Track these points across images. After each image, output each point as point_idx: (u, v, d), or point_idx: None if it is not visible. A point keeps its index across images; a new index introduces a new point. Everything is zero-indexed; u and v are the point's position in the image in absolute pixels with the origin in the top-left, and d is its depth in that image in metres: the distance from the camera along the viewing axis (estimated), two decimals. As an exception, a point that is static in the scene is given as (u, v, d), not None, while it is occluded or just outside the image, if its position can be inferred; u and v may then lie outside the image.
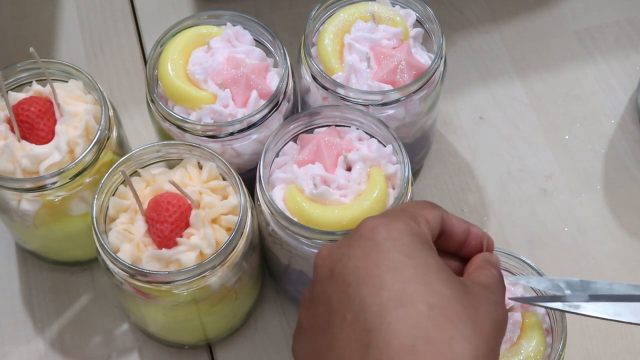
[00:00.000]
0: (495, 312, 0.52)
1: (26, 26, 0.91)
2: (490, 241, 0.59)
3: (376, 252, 0.52)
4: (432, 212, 0.56)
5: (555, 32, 0.91)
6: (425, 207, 0.57)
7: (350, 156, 0.69)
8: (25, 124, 0.70)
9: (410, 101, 0.72)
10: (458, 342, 0.49)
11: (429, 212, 0.56)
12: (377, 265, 0.51)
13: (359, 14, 0.74)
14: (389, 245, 0.52)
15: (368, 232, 0.53)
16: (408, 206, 0.57)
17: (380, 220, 0.54)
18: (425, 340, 0.48)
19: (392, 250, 0.52)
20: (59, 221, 0.73)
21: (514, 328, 0.64)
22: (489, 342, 0.50)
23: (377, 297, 0.50)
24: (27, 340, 0.77)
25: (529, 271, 0.67)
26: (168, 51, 0.73)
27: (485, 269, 0.56)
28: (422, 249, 0.53)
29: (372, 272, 0.51)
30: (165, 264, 0.65)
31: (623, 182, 0.83)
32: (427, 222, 0.55)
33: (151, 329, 0.75)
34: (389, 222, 0.54)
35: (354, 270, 0.52)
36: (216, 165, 0.69)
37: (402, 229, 0.53)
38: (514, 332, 0.64)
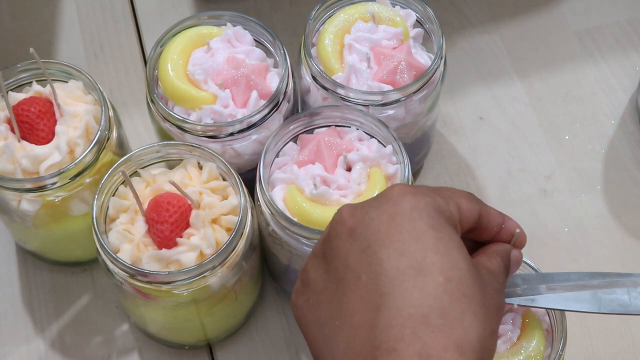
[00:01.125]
0: (498, 298, 0.53)
1: (26, 26, 0.91)
2: (522, 236, 0.58)
3: (401, 218, 0.51)
4: (469, 203, 0.55)
5: (556, 33, 0.91)
6: (463, 196, 0.56)
7: (350, 156, 0.69)
8: (26, 124, 0.70)
9: (411, 101, 0.72)
10: (469, 319, 0.48)
11: (465, 202, 0.55)
12: (400, 230, 0.51)
13: (359, 14, 0.74)
14: (415, 214, 0.51)
15: (396, 197, 0.52)
16: (444, 189, 0.56)
17: (410, 190, 0.53)
18: (440, 311, 0.48)
19: (418, 219, 0.51)
20: (59, 221, 0.73)
21: (513, 328, 0.64)
22: (493, 325, 0.50)
23: (395, 262, 0.49)
24: (28, 340, 0.77)
25: (529, 271, 0.67)
26: (168, 51, 0.73)
27: (493, 257, 0.56)
28: (446, 225, 0.52)
29: (395, 236, 0.50)
30: (166, 264, 0.65)
31: (623, 183, 0.83)
32: (458, 208, 0.54)
33: (151, 329, 0.75)
34: (417, 194, 0.53)
35: (376, 231, 0.51)
36: (216, 165, 0.69)
37: (430, 203, 0.52)
38: (514, 332, 0.64)
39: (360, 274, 0.50)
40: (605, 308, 0.57)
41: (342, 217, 0.53)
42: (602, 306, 0.57)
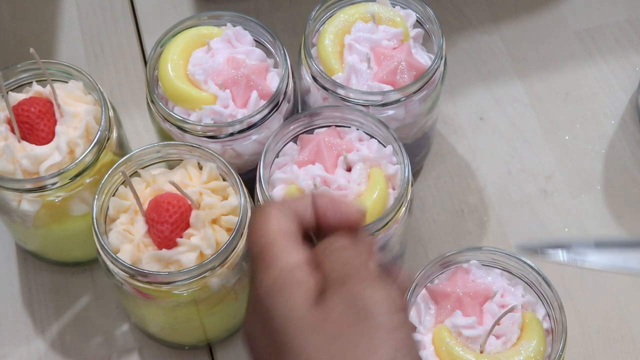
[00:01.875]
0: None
1: (26, 27, 0.91)
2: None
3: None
4: (300, 201, 0.50)
5: (556, 33, 0.91)
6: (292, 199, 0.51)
7: (350, 157, 0.69)
8: (26, 124, 0.70)
9: (411, 102, 0.72)
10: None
11: (298, 202, 0.50)
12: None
13: (359, 14, 0.74)
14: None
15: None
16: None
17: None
18: None
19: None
20: (59, 222, 0.73)
21: (513, 328, 0.64)
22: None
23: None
24: (28, 340, 0.77)
25: (529, 271, 0.67)
26: (168, 52, 0.73)
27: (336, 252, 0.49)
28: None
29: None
30: (166, 264, 0.65)
31: (623, 183, 0.83)
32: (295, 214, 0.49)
33: (151, 330, 0.75)
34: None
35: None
36: (216, 165, 0.69)
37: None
38: (514, 332, 0.64)
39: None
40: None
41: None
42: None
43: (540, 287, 0.66)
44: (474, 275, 0.66)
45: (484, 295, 0.65)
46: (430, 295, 0.66)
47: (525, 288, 0.67)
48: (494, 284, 0.66)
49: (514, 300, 0.66)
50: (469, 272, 0.67)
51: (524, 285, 0.67)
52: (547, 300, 0.66)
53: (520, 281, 0.67)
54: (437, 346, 0.64)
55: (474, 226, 0.81)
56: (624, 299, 0.78)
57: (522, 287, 0.67)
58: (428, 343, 0.64)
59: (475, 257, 0.67)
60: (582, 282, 0.79)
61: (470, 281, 0.66)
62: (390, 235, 0.68)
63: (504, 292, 0.66)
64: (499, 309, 0.65)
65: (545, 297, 0.66)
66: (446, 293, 0.65)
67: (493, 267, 0.68)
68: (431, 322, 0.65)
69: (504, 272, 0.67)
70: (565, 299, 0.77)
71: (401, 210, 0.67)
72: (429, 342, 0.64)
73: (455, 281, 0.66)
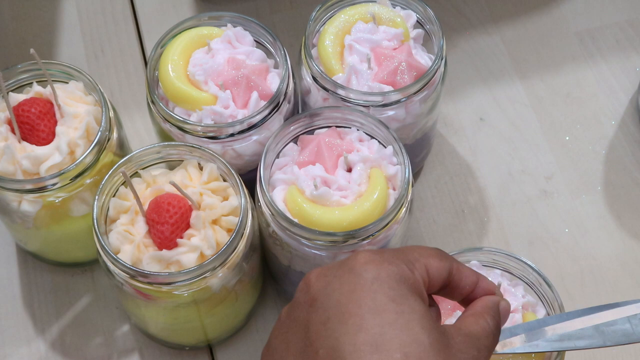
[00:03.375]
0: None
1: (27, 27, 0.92)
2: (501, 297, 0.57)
3: (361, 290, 0.51)
4: (438, 262, 0.54)
5: (556, 33, 0.91)
6: (432, 255, 0.55)
7: (350, 157, 0.69)
8: (26, 125, 0.70)
9: (411, 102, 0.72)
10: None
11: (434, 262, 0.54)
12: (360, 304, 0.50)
13: (359, 15, 0.74)
14: (376, 286, 0.51)
15: (359, 267, 0.52)
16: (410, 250, 0.55)
17: (373, 258, 0.52)
18: None
19: (379, 291, 0.51)
20: (59, 222, 0.73)
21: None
22: None
23: (353, 338, 0.49)
24: (28, 341, 0.77)
25: (530, 272, 0.67)
26: (168, 52, 0.73)
27: (481, 318, 0.54)
28: (409, 295, 0.51)
29: (354, 310, 0.50)
30: (166, 265, 0.65)
31: (623, 183, 0.83)
32: (426, 270, 0.54)
33: (152, 330, 0.75)
34: (381, 262, 0.52)
35: (336, 304, 0.51)
36: (217, 166, 0.69)
37: (393, 272, 0.52)
38: None
39: (318, 348, 0.50)
40: (610, 341, 0.57)
41: (307, 284, 0.52)
42: (606, 339, 0.57)
43: (540, 288, 0.66)
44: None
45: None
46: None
47: (525, 289, 0.67)
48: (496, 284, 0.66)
49: (515, 300, 0.66)
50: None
51: (525, 285, 0.67)
52: (548, 300, 0.66)
53: (521, 282, 0.67)
54: None
55: (475, 227, 0.81)
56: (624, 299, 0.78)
57: (523, 288, 0.67)
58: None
59: (475, 258, 0.67)
60: (583, 283, 0.79)
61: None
62: (391, 236, 0.68)
63: (504, 292, 0.66)
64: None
65: (546, 298, 0.66)
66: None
67: (493, 268, 0.68)
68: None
69: (504, 273, 0.67)
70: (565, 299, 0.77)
71: (402, 210, 0.67)
72: None
73: None
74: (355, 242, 0.66)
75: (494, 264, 0.68)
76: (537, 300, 0.67)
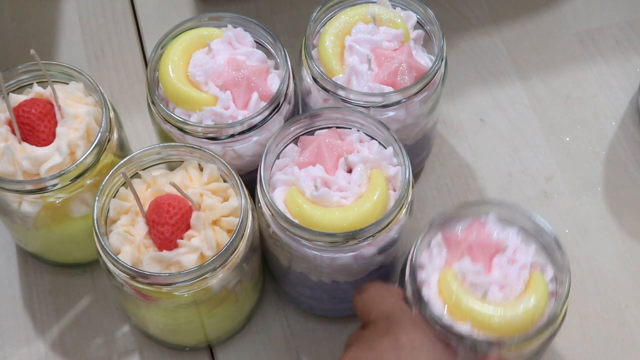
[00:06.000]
0: None
1: (27, 28, 0.92)
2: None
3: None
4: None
5: (556, 34, 0.91)
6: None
7: (351, 158, 0.69)
8: (26, 125, 0.70)
9: (411, 103, 0.72)
10: None
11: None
12: None
13: (359, 15, 0.74)
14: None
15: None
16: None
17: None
18: None
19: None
20: (59, 223, 0.73)
21: (519, 283, 0.65)
22: None
23: None
24: (28, 342, 0.77)
25: (545, 234, 0.67)
26: (169, 53, 0.73)
27: None
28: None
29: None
30: (166, 265, 0.65)
31: (624, 184, 0.83)
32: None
33: (152, 331, 0.75)
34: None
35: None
36: (217, 167, 0.69)
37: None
38: (519, 287, 0.65)
39: None
40: None
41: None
42: None
43: (552, 251, 0.67)
44: (489, 228, 0.67)
45: (495, 248, 0.66)
46: (445, 240, 0.67)
47: (537, 249, 0.67)
48: (507, 239, 0.67)
49: (525, 257, 0.66)
50: (484, 225, 0.67)
51: (537, 246, 0.68)
52: (557, 264, 0.66)
53: (535, 242, 0.68)
54: (441, 287, 0.65)
55: (475, 227, 0.81)
56: (624, 300, 0.78)
57: (535, 248, 0.67)
58: (433, 283, 0.65)
59: (495, 211, 0.68)
60: (583, 283, 0.79)
61: (485, 233, 0.67)
62: (391, 237, 0.68)
63: (516, 249, 0.67)
64: (508, 263, 0.66)
65: (556, 261, 0.67)
66: (459, 240, 0.66)
67: (510, 224, 0.68)
68: (440, 264, 0.66)
69: (520, 231, 0.68)
70: (566, 300, 0.77)
71: (402, 211, 0.67)
72: (435, 282, 0.65)
73: (470, 231, 0.67)
74: (355, 243, 0.66)
75: (511, 220, 0.68)
76: (547, 262, 0.67)
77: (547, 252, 0.67)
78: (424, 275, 0.65)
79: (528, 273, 0.65)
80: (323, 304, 0.75)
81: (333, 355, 0.76)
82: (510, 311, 0.63)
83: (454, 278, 0.64)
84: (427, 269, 0.66)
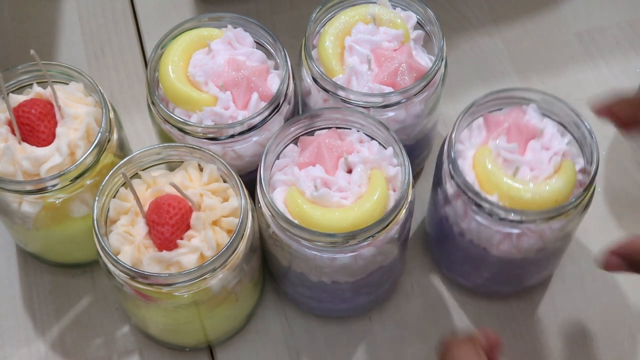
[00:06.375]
0: None
1: (27, 28, 0.92)
2: None
3: None
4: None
5: (556, 34, 0.91)
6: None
7: (351, 158, 0.69)
8: (26, 126, 0.70)
9: (411, 103, 0.72)
10: None
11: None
12: None
13: (359, 16, 0.74)
14: None
15: None
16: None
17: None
18: None
19: None
20: (59, 223, 0.73)
21: (549, 167, 0.68)
22: None
23: None
24: (28, 342, 0.77)
25: (583, 129, 0.69)
26: (169, 53, 0.73)
27: None
28: None
29: None
30: (166, 266, 0.65)
31: (624, 184, 0.83)
32: None
33: (152, 331, 0.75)
34: None
35: None
36: (217, 167, 0.69)
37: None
38: (548, 170, 0.68)
39: None
40: None
41: None
42: None
43: (585, 144, 0.69)
44: (529, 116, 0.71)
45: (532, 134, 0.70)
46: (485, 122, 0.71)
47: (572, 141, 0.70)
48: (545, 127, 0.70)
49: (558, 146, 0.69)
50: (525, 112, 0.71)
51: (572, 138, 0.70)
52: (589, 157, 0.69)
53: (570, 135, 0.70)
54: (475, 161, 0.69)
55: (475, 228, 0.81)
56: (624, 300, 0.78)
57: (569, 139, 0.70)
58: (469, 157, 0.69)
59: (536, 101, 0.71)
60: (583, 284, 0.79)
61: (524, 119, 0.70)
62: (391, 237, 0.68)
63: (551, 137, 0.70)
64: (541, 148, 0.69)
65: (588, 154, 0.69)
66: (499, 122, 0.70)
67: (549, 117, 0.71)
68: (478, 142, 0.70)
69: (559, 125, 0.71)
70: (565, 300, 0.77)
71: (402, 212, 0.67)
72: (471, 156, 0.69)
73: (510, 116, 0.70)
74: (355, 243, 0.66)
75: (550, 113, 0.71)
76: (580, 154, 0.70)
77: (580, 146, 0.70)
78: (461, 148, 0.70)
79: (560, 160, 0.68)
80: (323, 304, 0.75)
81: (333, 355, 0.76)
82: (536, 188, 0.67)
83: (488, 153, 0.69)
84: (465, 144, 0.70)
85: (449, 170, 0.68)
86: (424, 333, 0.76)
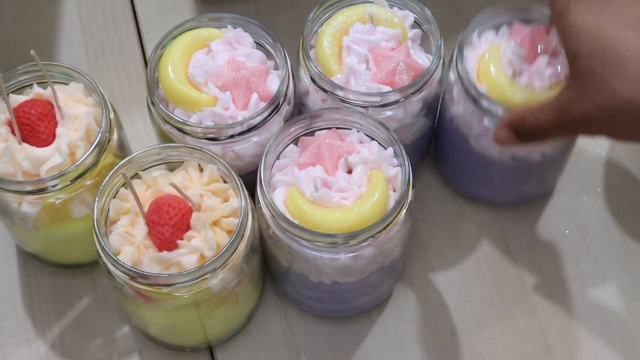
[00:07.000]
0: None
1: (27, 28, 0.92)
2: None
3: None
4: None
5: (556, 34, 0.91)
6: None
7: (351, 159, 0.69)
8: (26, 126, 0.70)
9: (409, 102, 0.72)
10: None
11: None
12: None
13: (357, 15, 0.74)
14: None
15: None
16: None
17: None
18: None
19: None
20: (59, 224, 0.73)
21: (560, 74, 0.70)
22: None
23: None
24: (28, 342, 0.77)
25: None
26: (169, 54, 0.73)
27: None
28: None
29: None
30: (166, 266, 0.65)
31: (624, 185, 0.83)
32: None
33: (152, 332, 0.75)
34: None
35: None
36: (217, 167, 0.69)
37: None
38: (559, 75, 0.69)
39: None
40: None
41: None
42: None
43: None
44: (555, 35, 0.71)
45: (551, 51, 0.71)
46: (511, 30, 0.73)
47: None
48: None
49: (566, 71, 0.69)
50: (548, 29, 0.71)
51: None
52: None
53: None
54: (482, 54, 0.72)
55: (475, 227, 0.81)
56: (624, 300, 0.78)
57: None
58: (478, 56, 0.72)
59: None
60: (583, 284, 0.79)
61: (548, 36, 0.71)
62: (391, 237, 0.68)
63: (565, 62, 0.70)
64: (548, 65, 0.70)
65: None
66: (520, 30, 0.72)
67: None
68: (495, 42, 0.73)
69: None
70: (565, 301, 0.77)
71: (402, 212, 0.67)
72: (484, 50, 0.72)
73: (535, 29, 0.72)
74: (355, 244, 0.66)
75: None
76: None
77: None
78: (476, 41, 0.73)
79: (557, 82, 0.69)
80: (323, 304, 0.75)
81: (333, 355, 0.76)
82: (525, 92, 0.69)
83: (497, 50, 0.71)
84: (481, 39, 0.73)
85: (455, 57, 0.71)
86: (424, 333, 0.76)
